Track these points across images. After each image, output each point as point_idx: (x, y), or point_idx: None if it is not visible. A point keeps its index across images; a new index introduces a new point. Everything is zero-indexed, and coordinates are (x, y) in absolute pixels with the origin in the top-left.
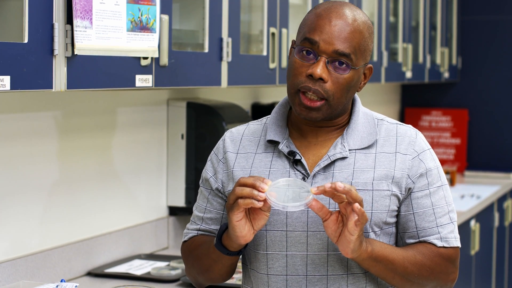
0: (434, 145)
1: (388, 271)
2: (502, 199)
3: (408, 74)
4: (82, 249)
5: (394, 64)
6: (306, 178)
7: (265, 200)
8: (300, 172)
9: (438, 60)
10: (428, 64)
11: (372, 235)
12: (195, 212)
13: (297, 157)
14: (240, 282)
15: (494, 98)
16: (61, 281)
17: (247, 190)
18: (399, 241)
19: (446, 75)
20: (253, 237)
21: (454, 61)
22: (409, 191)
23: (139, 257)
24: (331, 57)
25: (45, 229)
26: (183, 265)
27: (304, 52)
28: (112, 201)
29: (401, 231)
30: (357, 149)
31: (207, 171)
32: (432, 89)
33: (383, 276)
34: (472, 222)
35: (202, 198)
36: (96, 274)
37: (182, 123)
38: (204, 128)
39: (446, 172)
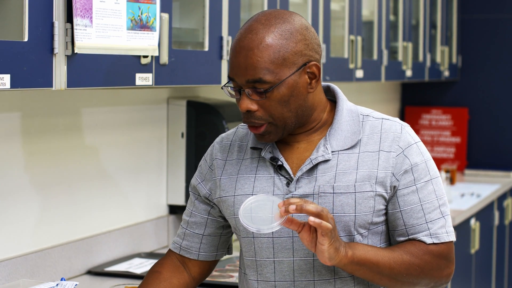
0: (434, 143)
1: (373, 273)
2: (502, 198)
3: (408, 73)
4: (82, 248)
5: (394, 63)
6: (290, 183)
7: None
8: (284, 177)
9: (438, 59)
10: (428, 63)
11: (358, 237)
12: (183, 216)
13: (279, 162)
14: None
15: (494, 97)
16: (61, 279)
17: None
18: (390, 239)
19: (446, 73)
20: (243, 244)
21: (454, 60)
22: (394, 189)
23: (139, 255)
24: (247, 87)
25: (45, 227)
26: None
27: (232, 89)
28: (112, 199)
29: (391, 229)
30: (340, 150)
31: (196, 177)
32: (432, 87)
33: (369, 279)
34: (472, 221)
35: (189, 202)
36: (96, 272)
37: (182, 121)
38: (204, 127)
39: (446, 171)
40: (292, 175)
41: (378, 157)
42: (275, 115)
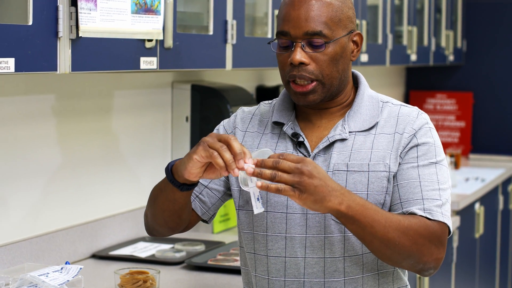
0: (438, 128)
1: (366, 233)
2: (506, 182)
3: (413, 57)
4: (86, 232)
5: (399, 47)
6: None
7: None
8: (303, 153)
9: (443, 43)
10: (433, 47)
11: None
12: None
13: (300, 139)
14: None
15: (499, 81)
16: (66, 263)
17: (228, 157)
18: None
19: (451, 58)
20: (253, 218)
21: (459, 44)
22: (399, 165)
23: (143, 239)
24: (304, 40)
25: (49, 211)
26: (187, 248)
27: (281, 45)
28: (116, 183)
29: (390, 205)
30: (358, 131)
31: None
32: (437, 72)
33: (360, 237)
34: (477, 205)
35: None
36: (101, 256)
37: (186, 105)
38: (208, 111)
39: (451, 155)
40: (310, 152)
41: (393, 139)
42: (325, 72)
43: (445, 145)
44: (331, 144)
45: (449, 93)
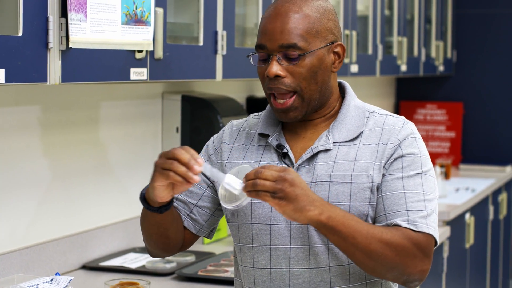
0: (429, 138)
1: (348, 244)
2: (496, 192)
3: (403, 68)
4: (77, 243)
5: (389, 57)
6: None
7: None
8: (287, 165)
9: (433, 54)
10: (423, 58)
11: None
12: None
13: (285, 150)
14: (233, 275)
15: (489, 92)
16: (56, 274)
17: (182, 170)
18: None
19: (441, 68)
20: (239, 230)
21: (449, 55)
22: (383, 177)
23: (133, 250)
24: (280, 53)
25: (40, 222)
26: (178, 258)
27: (260, 58)
28: (106, 194)
29: (374, 217)
30: (342, 142)
31: (201, 155)
32: (427, 82)
33: (343, 248)
34: (467, 215)
35: None
36: (91, 267)
37: (177, 116)
38: (199, 122)
39: (441, 166)
40: (294, 163)
41: (377, 149)
42: (302, 84)
43: (436, 155)
44: (315, 155)
45: (439, 103)
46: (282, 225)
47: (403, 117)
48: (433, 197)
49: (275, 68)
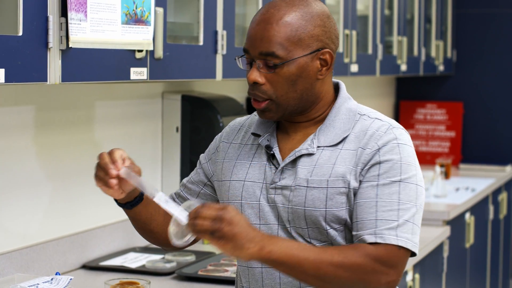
0: (429, 138)
1: (296, 272)
2: (496, 192)
3: (403, 67)
4: (77, 242)
5: (389, 57)
6: (276, 172)
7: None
8: (275, 166)
9: (433, 53)
10: (423, 57)
11: (332, 232)
12: (183, 180)
13: (272, 151)
14: (234, 275)
15: (489, 91)
16: (56, 274)
17: (101, 174)
18: None
19: (441, 68)
20: None
21: (449, 54)
22: (360, 183)
23: (134, 250)
24: (259, 60)
25: (39, 222)
26: (178, 258)
27: (246, 62)
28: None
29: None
30: (326, 146)
31: (205, 155)
32: (427, 82)
33: (294, 277)
34: (467, 215)
35: (194, 171)
36: (91, 267)
37: (177, 116)
38: (199, 121)
39: (441, 165)
40: (281, 164)
41: (356, 154)
42: (279, 92)
43: (435, 155)
44: (298, 158)
45: (439, 103)
46: (270, 225)
47: (391, 122)
48: (411, 205)
49: (254, 74)
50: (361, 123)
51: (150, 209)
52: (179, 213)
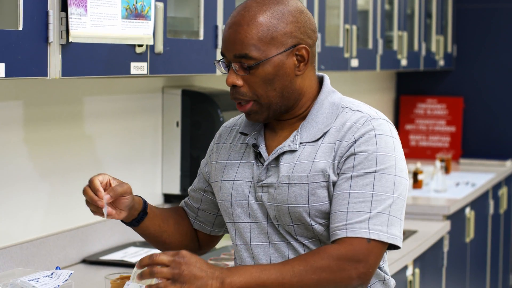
0: (429, 133)
1: None
2: (497, 187)
3: (403, 62)
4: (77, 237)
5: (389, 52)
6: (262, 171)
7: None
8: (262, 164)
9: (433, 48)
10: (423, 52)
11: (317, 227)
12: (190, 187)
13: (258, 150)
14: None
15: (489, 86)
16: (56, 268)
17: (93, 208)
18: None
19: (442, 63)
20: (229, 230)
21: (449, 49)
22: (338, 176)
23: (134, 244)
24: (235, 62)
25: (40, 216)
26: None
27: (223, 65)
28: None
29: None
30: (308, 142)
31: (204, 160)
32: (427, 77)
33: None
34: (467, 210)
35: (197, 177)
36: (91, 261)
37: (177, 110)
38: (199, 116)
39: (441, 160)
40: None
41: (334, 147)
42: (258, 93)
43: (436, 150)
44: (281, 155)
45: (440, 98)
46: (259, 223)
47: (372, 113)
48: (387, 197)
49: (232, 78)
50: (342, 116)
51: (158, 221)
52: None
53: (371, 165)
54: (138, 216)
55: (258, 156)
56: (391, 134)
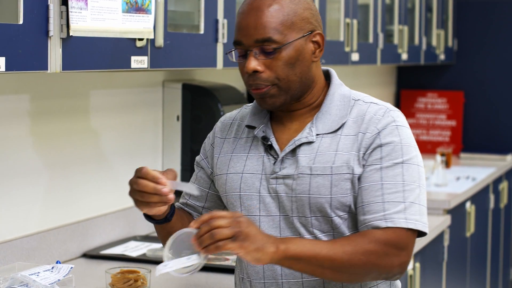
0: (429, 127)
1: (313, 267)
2: (497, 181)
3: (404, 56)
4: (77, 231)
5: (390, 46)
6: (275, 163)
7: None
8: (273, 156)
9: (434, 42)
10: (424, 46)
11: (337, 219)
12: None
13: (269, 142)
14: (235, 264)
15: (489, 80)
16: (57, 262)
17: (155, 199)
18: None
19: (442, 57)
20: None
21: (450, 43)
22: (363, 168)
23: (134, 238)
24: (256, 48)
25: (40, 211)
26: None
27: (238, 54)
28: (107, 183)
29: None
30: (325, 133)
31: (200, 154)
32: (428, 71)
33: (311, 272)
34: (468, 204)
35: (193, 176)
36: (92, 255)
37: (177, 104)
38: (199, 110)
39: (442, 154)
40: (279, 155)
41: (356, 139)
42: (280, 76)
43: (436, 144)
44: (298, 147)
45: (440, 92)
46: (271, 216)
47: (387, 105)
48: (415, 186)
49: (253, 63)
50: (357, 108)
51: (179, 217)
52: (179, 262)
53: (398, 156)
54: (171, 210)
55: (267, 148)
56: (407, 125)
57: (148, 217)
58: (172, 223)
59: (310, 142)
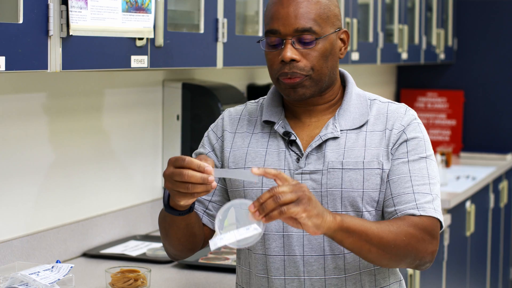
0: (429, 126)
1: (363, 242)
2: (497, 181)
3: (404, 55)
4: (77, 230)
5: (390, 45)
6: (300, 158)
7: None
8: (295, 152)
9: (434, 41)
10: (424, 45)
11: (366, 214)
12: None
13: (292, 137)
14: (235, 263)
15: (489, 80)
16: (57, 262)
17: (198, 178)
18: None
19: (442, 56)
20: None
21: (450, 43)
22: (391, 162)
23: (134, 238)
24: (294, 37)
25: (40, 210)
26: None
27: (271, 43)
28: (107, 182)
29: (382, 202)
30: (349, 130)
31: (204, 147)
32: (428, 70)
33: (358, 248)
34: (468, 204)
35: None
36: (92, 255)
37: (177, 104)
38: (199, 109)
39: (442, 154)
40: (302, 151)
41: (384, 135)
42: (316, 67)
43: (436, 143)
44: (324, 142)
45: (440, 91)
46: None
47: (403, 104)
48: (436, 181)
49: (291, 52)
50: (376, 106)
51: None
52: (237, 233)
53: (422, 151)
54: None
55: (288, 144)
56: (422, 123)
57: (170, 208)
58: (191, 215)
59: (335, 138)
